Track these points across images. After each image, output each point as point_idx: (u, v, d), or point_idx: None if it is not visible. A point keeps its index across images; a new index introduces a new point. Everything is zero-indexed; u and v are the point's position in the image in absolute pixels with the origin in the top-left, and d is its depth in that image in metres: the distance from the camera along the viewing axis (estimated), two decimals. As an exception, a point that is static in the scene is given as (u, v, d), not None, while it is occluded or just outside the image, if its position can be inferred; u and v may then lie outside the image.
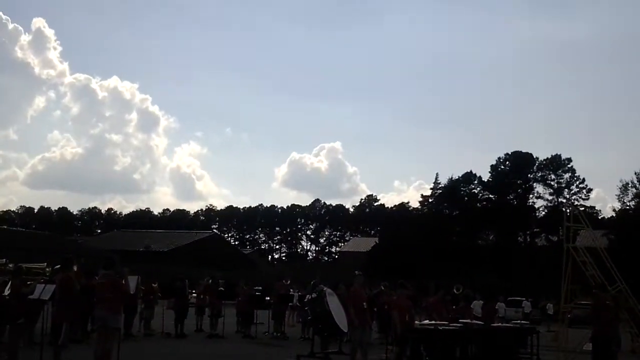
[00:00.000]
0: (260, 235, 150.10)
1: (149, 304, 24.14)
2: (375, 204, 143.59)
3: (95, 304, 14.73)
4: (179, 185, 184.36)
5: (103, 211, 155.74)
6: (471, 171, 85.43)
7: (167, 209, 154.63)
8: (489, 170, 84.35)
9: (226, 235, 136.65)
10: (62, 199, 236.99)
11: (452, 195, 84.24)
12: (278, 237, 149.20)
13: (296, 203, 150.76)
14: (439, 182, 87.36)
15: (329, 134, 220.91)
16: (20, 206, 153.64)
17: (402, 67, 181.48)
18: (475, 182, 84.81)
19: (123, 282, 13.99)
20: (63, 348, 13.56)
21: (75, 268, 15.25)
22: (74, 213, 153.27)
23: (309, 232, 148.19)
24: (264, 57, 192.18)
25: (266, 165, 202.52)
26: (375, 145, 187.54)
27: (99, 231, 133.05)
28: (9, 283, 15.34)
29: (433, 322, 16.09)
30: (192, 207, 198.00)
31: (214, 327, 24.85)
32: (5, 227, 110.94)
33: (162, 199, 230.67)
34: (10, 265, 17.29)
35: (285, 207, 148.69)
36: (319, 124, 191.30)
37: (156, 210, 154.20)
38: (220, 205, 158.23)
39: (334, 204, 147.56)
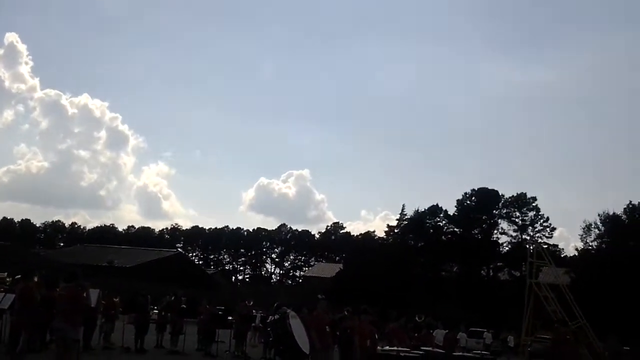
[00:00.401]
0: (225, 256, 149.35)
1: (109, 317, 23.88)
2: (341, 231, 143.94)
3: (55, 315, 14.58)
4: (145, 203, 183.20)
5: (67, 225, 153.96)
6: (437, 204, 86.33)
7: (132, 226, 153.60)
8: (455, 204, 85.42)
9: (191, 254, 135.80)
10: (26, 212, 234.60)
11: (418, 227, 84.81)
12: (243, 258, 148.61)
13: (262, 227, 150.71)
14: (405, 213, 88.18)
15: (298, 161, 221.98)
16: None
17: (373, 98, 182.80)
18: (441, 215, 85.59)
19: (84, 294, 13.82)
20: (20, 357, 13.37)
21: (36, 279, 15.10)
22: (37, 225, 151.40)
23: (273, 256, 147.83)
24: (235, 82, 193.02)
25: (234, 188, 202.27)
26: (343, 174, 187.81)
27: (62, 244, 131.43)
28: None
29: (394, 348, 16.10)
30: (158, 225, 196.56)
31: (174, 343, 24.66)
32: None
33: (127, 216, 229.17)
34: (-29, 273, 17.12)
35: (251, 229, 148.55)
36: (288, 151, 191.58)
37: (121, 227, 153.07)
38: (185, 225, 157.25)
39: (300, 229, 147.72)
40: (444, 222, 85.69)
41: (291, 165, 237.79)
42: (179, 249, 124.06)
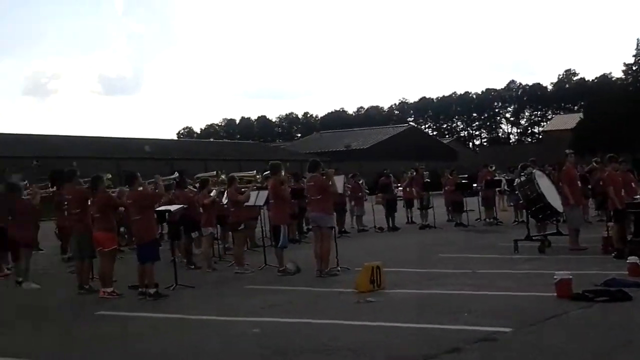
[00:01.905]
0: (458, 123, 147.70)
1: (358, 201, 24.56)
2: (575, 78, 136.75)
3: (307, 206, 15.11)
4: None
5: (300, 116, 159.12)
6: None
7: (361, 107, 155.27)
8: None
9: (423, 126, 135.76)
10: (261, 108, 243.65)
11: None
12: (476, 123, 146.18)
13: (490, 87, 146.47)
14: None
15: None
16: (223, 118, 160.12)
17: None
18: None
19: (329, 182, 14.10)
20: (283, 249, 14.07)
21: (283, 173, 15.63)
22: (273, 120, 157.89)
23: (508, 115, 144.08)
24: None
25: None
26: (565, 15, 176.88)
27: (299, 135, 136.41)
28: (225, 192, 16.07)
29: (655, 194, 15.10)
30: (385, 102, 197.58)
31: (424, 218, 24.92)
32: (212, 139, 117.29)
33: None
34: (224, 176, 18.09)
35: (479, 92, 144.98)
36: None
37: (350, 110, 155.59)
38: (413, 97, 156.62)
39: (530, 83, 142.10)
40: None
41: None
42: (411, 123, 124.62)
